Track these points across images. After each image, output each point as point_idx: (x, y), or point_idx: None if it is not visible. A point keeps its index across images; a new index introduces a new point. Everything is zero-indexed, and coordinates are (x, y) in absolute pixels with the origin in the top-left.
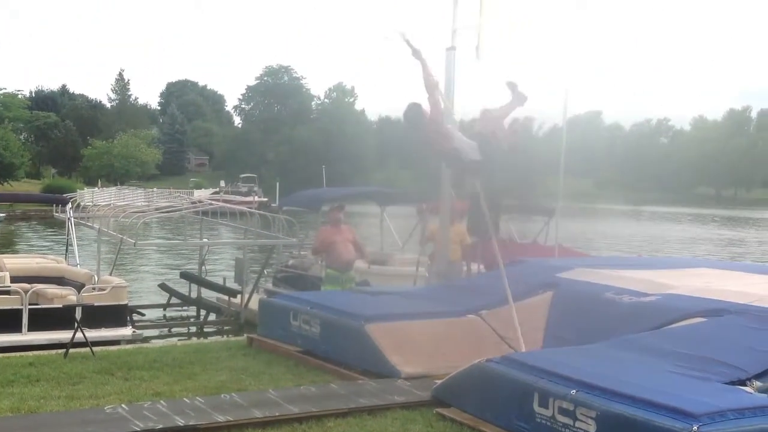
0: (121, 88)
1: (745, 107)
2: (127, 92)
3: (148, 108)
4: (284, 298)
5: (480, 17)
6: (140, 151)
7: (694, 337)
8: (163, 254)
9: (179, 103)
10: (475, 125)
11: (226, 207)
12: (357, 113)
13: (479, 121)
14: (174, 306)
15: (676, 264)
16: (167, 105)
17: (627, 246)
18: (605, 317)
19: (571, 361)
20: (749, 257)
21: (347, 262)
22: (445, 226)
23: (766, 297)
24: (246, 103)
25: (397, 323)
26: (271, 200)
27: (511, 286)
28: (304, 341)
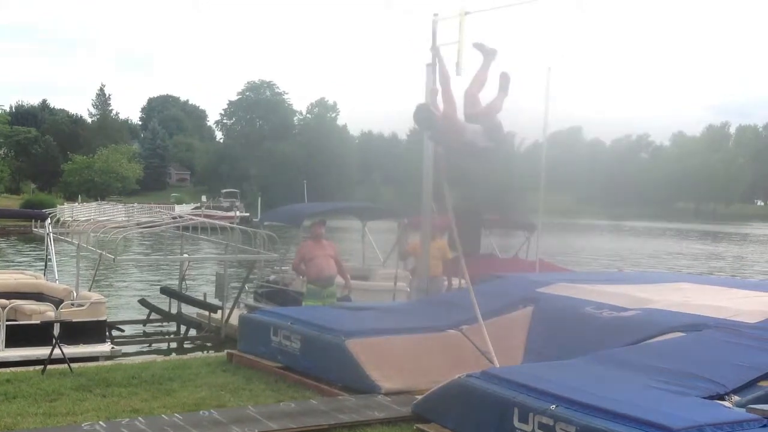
0: (102, 103)
1: (723, 123)
2: (108, 107)
3: (129, 123)
4: (264, 314)
5: (460, 33)
6: (121, 166)
7: (673, 352)
8: (144, 270)
9: (161, 118)
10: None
11: (207, 222)
12: (339, 128)
13: (465, 106)
14: (154, 322)
15: (655, 279)
16: (149, 120)
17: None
18: (585, 332)
19: (551, 376)
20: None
21: (328, 278)
22: (426, 241)
23: (744, 312)
24: (228, 118)
25: (378, 339)
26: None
27: (491, 301)
28: (285, 357)
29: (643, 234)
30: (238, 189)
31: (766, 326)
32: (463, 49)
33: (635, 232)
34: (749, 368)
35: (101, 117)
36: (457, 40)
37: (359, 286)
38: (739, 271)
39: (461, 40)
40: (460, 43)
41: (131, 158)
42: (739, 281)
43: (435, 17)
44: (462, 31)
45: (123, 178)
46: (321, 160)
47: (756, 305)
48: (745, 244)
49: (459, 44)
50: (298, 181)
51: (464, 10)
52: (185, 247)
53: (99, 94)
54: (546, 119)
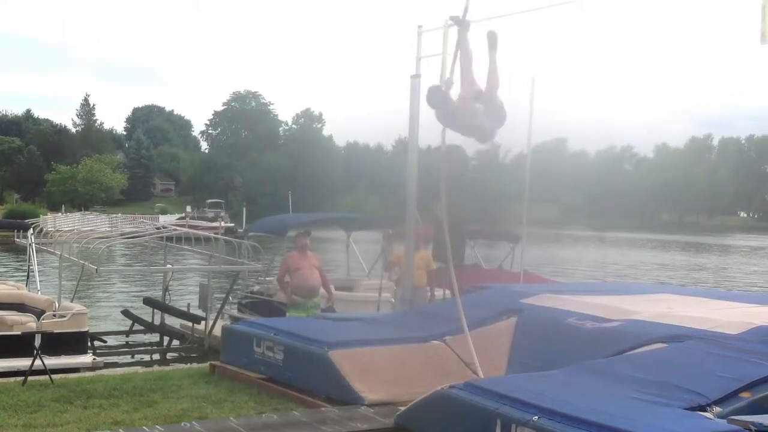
0: (87, 113)
1: (706, 135)
2: (92, 117)
3: (113, 133)
4: (247, 325)
5: (444, 45)
6: (105, 176)
7: (655, 363)
8: (127, 280)
9: (145, 128)
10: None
11: (191, 232)
12: (325, 139)
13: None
14: (137, 332)
15: (638, 290)
16: (133, 130)
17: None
18: (568, 343)
19: (534, 387)
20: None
21: (313, 288)
22: (410, 251)
23: (726, 323)
24: (213, 129)
25: (361, 350)
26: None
27: (475, 312)
28: (267, 368)
29: (627, 245)
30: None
31: (747, 337)
32: (447, 60)
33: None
34: (731, 379)
35: (85, 127)
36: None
37: (344, 296)
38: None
39: (445, 52)
40: (444, 55)
41: (115, 168)
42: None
43: (420, 29)
44: (446, 43)
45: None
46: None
47: (738, 316)
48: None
49: (443, 56)
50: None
51: (449, 22)
52: (169, 258)
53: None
54: (530, 130)
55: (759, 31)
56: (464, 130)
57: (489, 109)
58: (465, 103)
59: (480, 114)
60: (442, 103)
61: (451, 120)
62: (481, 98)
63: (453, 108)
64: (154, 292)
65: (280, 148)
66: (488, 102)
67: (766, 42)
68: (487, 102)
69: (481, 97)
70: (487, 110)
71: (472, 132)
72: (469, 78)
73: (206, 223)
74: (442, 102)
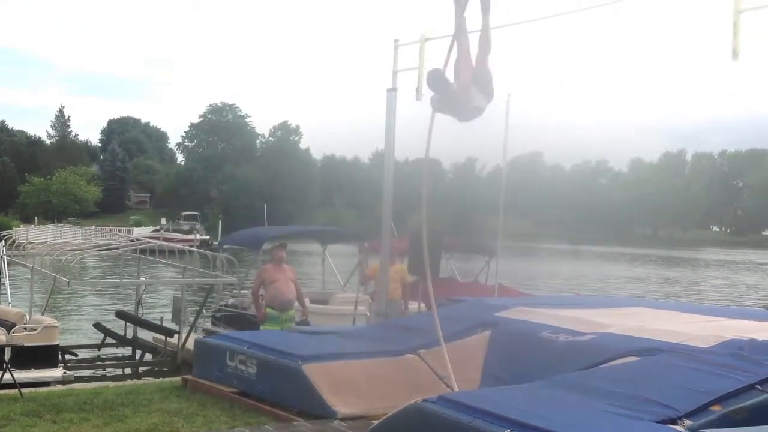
0: (62, 124)
1: (680, 150)
2: (67, 129)
3: (88, 145)
4: (220, 338)
5: (420, 59)
6: (79, 188)
7: (627, 376)
8: (100, 293)
9: (121, 140)
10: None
11: (165, 245)
12: (302, 151)
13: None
14: (109, 346)
15: (612, 303)
16: (108, 142)
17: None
18: (541, 356)
19: (507, 400)
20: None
21: (288, 302)
22: (385, 264)
23: (697, 336)
24: (189, 141)
25: (335, 363)
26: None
27: (449, 325)
28: (240, 382)
29: (601, 258)
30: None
31: (718, 351)
32: (422, 74)
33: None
34: (701, 393)
35: (60, 138)
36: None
37: (319, 310)
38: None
39: (421, 66)
40: (420, 69)
41: (90, 180)
42: (694, 306)
43: (396, 43)
44: (422, 57)
45: (81, 201)
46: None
47: (709, 330)
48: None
49: (419, 69)
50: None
51: (425, 36)
52: (143, 271)
53: (58, 115)
54: (506, 145)
55: (731, 47)
56: (458, 114)
57: (480, 84)
58: (465, 88)
59: (475, 95)
60: (442, 86)
61: (447, 105)
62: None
63: (452, 92)
64: (127, 305)
65: (256, 161)
66: (479, 76)
67: (737, 58)
68: (479, 76)
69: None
70: (479, 85)
71: (464, 114)
72: (468, 61)
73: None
74: (443, 85)
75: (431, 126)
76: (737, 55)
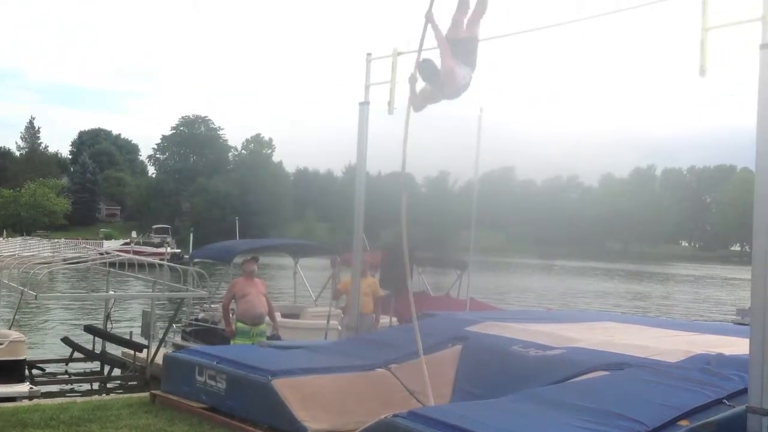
0: (31, 136)
1: (650, 166)
2: (37, 140)
3: (58, 156)
4: (189, 353)
5: (393, 73)
6: (49, 200)
7: (596, 391)
8: (68, 307)
9: (91, 152)
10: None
11: (135, 258)
12: (275, 164)
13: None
14: (77, 361)
15: (582, 318)
16: (79, 154)
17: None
18: (512, 371)
19: (477, 415)
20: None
21: (259, 316)
22: (356, 278)
23: (666, 351)
24: (161, 153)
25: (305, 378)
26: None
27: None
28: (210, 397)
29: (573, 273)
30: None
31: (686, 365)
32: (395, 88)
33: (565, 271)
34: (669, 407)
35: (29, 150)
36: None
37: (291, 324)
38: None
39: (393, 80)
40: (392, 83)
41: (59, 192)
42: (662, 320)
43: (368, 57)
44: (395, 70)
45: (50, 213)
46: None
47: (678, 344)
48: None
49: (391, 83)
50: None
51: (397, 50)
52: (112, 285)
53: (28, 126)
54: (477, 159)
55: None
56: (448, 95)
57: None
58: (448, 72)
59: (460, 73)
60: (434, 74)
61: (439, 92)
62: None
63: (441, 79)
64: (95, 319)
65: (229, 174)
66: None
67: (705, 75)
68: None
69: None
70: (462, 59)
71: (452, 94)
72: (446, 51)
73: (152, 249)
74: (434, 73)
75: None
76: (704, 72)
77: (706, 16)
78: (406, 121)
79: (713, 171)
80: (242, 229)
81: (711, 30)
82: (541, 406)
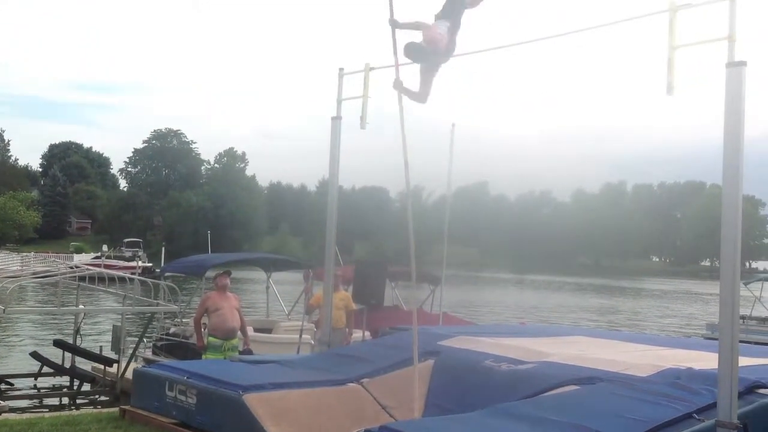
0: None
1: (621, 181)
2: (6, 153)
3: (29, 169)
4: (160, 368)
5: (365, 88)
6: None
7: (567, 405)
8: (38, 322)
9: (62, 165)
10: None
11: (105, 272)
12: (248, 178)
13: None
14: (46, 375)
15: (554, 332)
16: (49, 167)
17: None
18: (484, 385)
19: (448, 429)
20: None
21: (232, 330)
22: (328, 292)
23: (635, 365)
24: (133, 166)
25: (277, 393)
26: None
27: (393, 353)
28: (180, 412)
29: (545, 287)
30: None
31: (656, 380)
32: (367, 103)
33: (537, 286)
34: (639, 421)
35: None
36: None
37: (263, 338)
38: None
39: (365, 95)
40: (364, 98)
41: (29, 206)
42: (633, 335)
43: (341, 72)
44: (366, 86)
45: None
46: (228, 211)
47: (648, 359)
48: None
49: (363, 98)
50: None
51: (369, 65)
52: (83, 299)
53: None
54: (450, 174)
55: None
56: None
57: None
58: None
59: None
60: (422, 52)
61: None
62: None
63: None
64: (65, 333)
65: (201, 187)
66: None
67: (672, 93)
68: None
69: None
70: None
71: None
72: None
73: (123, 263)
74: (422, 51)
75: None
76: (672, 90)
77: (673, 35)
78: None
79: (683, 187)
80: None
81: (678, 48)
82: (513, 420)
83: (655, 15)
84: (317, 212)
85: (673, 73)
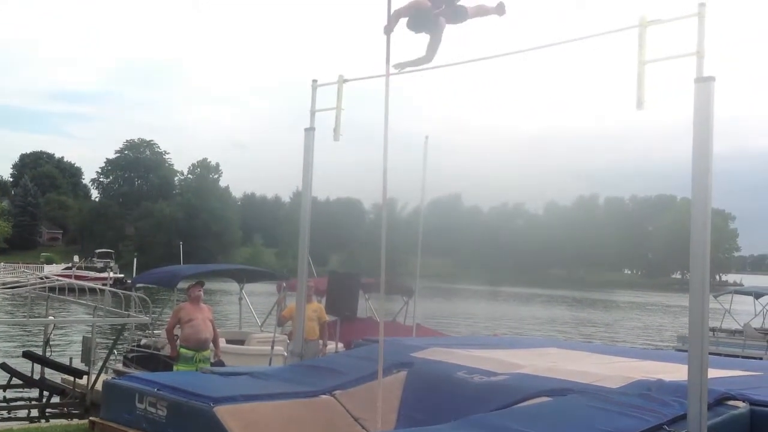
0: None
1: (593, 194)
2: None
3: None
4: (130, 379)
5: (338, 100)
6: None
7: (539, 417)
8: (6, 333)
9: (33, 175)
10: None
11: (76, 283)
12: (221, 189)
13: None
14: (15, 387)
15: (526, 344)
16: (20, 176)
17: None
18: (456, 397)
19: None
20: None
21: (204, 341)
22: (301, 303)
23: (607, 377)
24: (105, 177)
25: (248, 405)
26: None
27: (365, 365)
28: (150, 425)
29: (518, 299)
30: (114, 249)
31: (627, 391)
32: (340, 115)
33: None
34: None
35: None
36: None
37: (236, 350)
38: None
39: (339, 106)
40: (338, 109)
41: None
42: (605, 347)
43: (314, 83)
44: (340, 97)
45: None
46: (202, 221)
47: (619, 371)
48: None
49: (337, 110)
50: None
51: (343, 77)
52: (53, 310)
53: None
54: (424, 185)
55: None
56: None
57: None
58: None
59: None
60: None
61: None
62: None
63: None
64: (35, 345)
65: (174, 198)
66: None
67: (642, 107)
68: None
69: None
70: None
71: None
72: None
73: (94, 274)
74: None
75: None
76: (642, 105)
77: (643, 50)
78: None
79: (654, 200)
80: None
81: (648, 64)
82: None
83: (626, 30)
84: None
85: (643, 87)
